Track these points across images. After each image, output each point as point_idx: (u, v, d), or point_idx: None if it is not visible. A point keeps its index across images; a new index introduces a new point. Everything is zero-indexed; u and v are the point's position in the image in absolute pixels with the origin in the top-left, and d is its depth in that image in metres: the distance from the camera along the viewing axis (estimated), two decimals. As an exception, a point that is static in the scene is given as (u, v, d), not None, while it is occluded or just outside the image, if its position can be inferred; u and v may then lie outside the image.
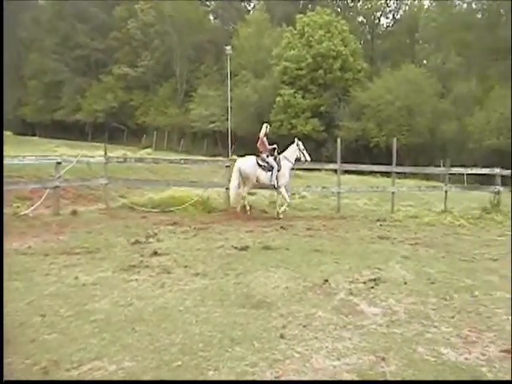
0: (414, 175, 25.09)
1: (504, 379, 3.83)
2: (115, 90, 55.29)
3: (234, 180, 11.80)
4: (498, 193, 13.49)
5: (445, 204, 13.07)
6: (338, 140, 13.40)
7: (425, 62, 51.30)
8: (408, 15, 56.80)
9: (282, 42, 45.73)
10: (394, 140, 13.52)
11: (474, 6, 50.65)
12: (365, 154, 38.70)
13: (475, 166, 18.02)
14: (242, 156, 12.71)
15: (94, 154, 15.12)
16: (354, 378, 3.74)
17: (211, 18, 63.58)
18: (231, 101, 39.82)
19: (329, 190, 13.53)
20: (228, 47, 38.90)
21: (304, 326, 4.70)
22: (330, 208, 12.87)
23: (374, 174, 22.40)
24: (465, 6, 51.65)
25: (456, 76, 44.75)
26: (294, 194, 14.59)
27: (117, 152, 20.33)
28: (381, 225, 10.81)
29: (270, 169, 11.93)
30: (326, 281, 6.11)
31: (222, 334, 4.45)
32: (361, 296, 5.63)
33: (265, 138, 12.23)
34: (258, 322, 4.75)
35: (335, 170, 13.59)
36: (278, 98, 43.59)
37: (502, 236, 10.08)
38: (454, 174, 21.40)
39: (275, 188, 12.15)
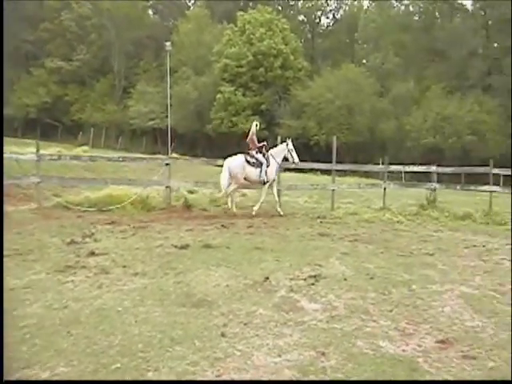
0: (353, 173, 25.61)
1: (438, 369, 3.98)
2: (48, 84, 52.97)
3: (224, 179, 11.88)
4: (435, 190, 14.01)
5: (383, 201, 13.46)
6: (278, 138, 13.53)
7: (364, 61, 52.82)
8: (348, 15, 58.29)
9: (222, 38, 45.69)
10: (334, 138, 13.79)
11: (411, 8, 52.60)
12: (305, 151, 39.17)
13: (413, 163, 18.59)
14: (183, 154, 12.60)
15: (24, 150, 14.49)
16: (295, 374, 3.78)
17: (150, 13, 62.63)
18: (171, 98, 39.38)
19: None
20: (168, 43, 38.41)
21: (245, 324, 4.70)
22: (271, 206, 12.97)
23: (315, 171, 22.78)
24: (402, 8, 53.54)
25: (394, 76, 46.31)
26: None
27: (50, 149, 19.64)
28: (321, 222, 10.99)
29: (259, 165, 12.16)
30: (267, 278, 6.15)
31: (162, 333, 4.39)
32: (301, 293, 5.70)
33: (254, 136, 12.54)
34: (198, 321, 4.72)
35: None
36: (219, 96, 43.51)
37: (437, 231, 10.49)
38: (393, 171, 22.11)
39: (263, 184, 12.34)
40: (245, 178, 12.16)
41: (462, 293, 5.96)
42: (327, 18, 61.75)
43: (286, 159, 12.74)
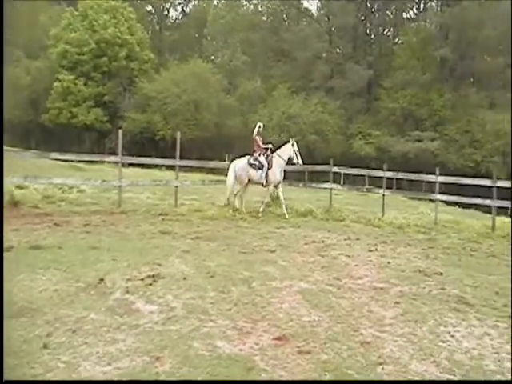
0: (200, 169, 25.82)
1: (274, 366, 4.05)
2: None
3: (231, 180, 12.70)
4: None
5: (228, 198, 13.63)
6: (120, 131, 13.01)
7: (213, 57, 53.47)
8: (197, 9, 58.55)
9: (61, 22, 42.95)
10: (178, 133, 13.62)
11: (260, 8, 54.48)
12: (151, 146, 38.73)
13: (258, 161, 19.24)
14: (13, 146, 11.50)
15: None
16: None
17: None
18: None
19: (110, 183, 13.04)
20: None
21: (73, 332, 4.39)
22: (111, 202, 12.41)
23: (160, 167, 22.49)
24: (251, 7, 55.23)
25: (242, 74, 47.59)
26: (71, 187, 13.80)
27: None
28: (163, 219, 10.77)
29: (261, 167, 12.67)
30: (102, 280, 5.83)
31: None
32: (138, 294, 5.49)
33: (258, 138, 13.05)
34: (17, 333, 4.27)
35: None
36: (57, 84, 40.93)
37: (280, 228, 10.87)
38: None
39: (263, 186, 12.87)
40: (249, 180, 12.74)
41: (300, 288, 6.21)
42: (176, 10, 61.57)
43: (290, 159, 13.09)
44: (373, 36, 50.85)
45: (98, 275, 6.02)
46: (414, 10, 50.06)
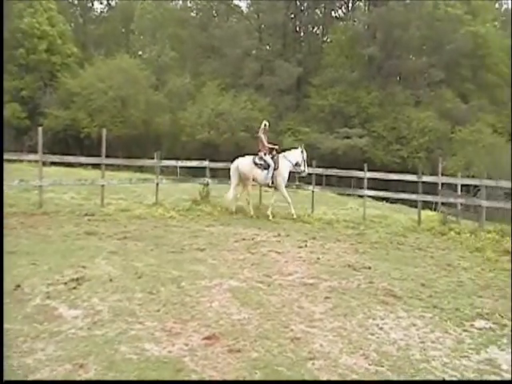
0: (127, 167, 25.30)
1: (204, 366, 4.00)
2: None
3: (233, 179, 12.70)
4: (207, 184, 14.48)
5: (156, 196, 13.42)
6: (39, 129, 12.49)
7: (140, 53, 52.50)
8: (123, 3, 57.06)
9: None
10: (104, 131, 13.25)
11: (189, 3, 54.01)
12: (75, 145, 37.57)
13: (188, 158, 19.03)
14: None
15: None
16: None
17: None
18: None
19: (29, 183, 12.47)
20: None
21: (-17, 345, 4.13)
22: (31, 203, 11.88)
23: (85, 166, 21.81)
24: (180, 2, 54.66)
25: (170, 70, 47.03)
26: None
27: None
28: (89, 220, 10.44)
29: (267, 167, 12.50)
30: (18, 286, 5.55)
31: None
32: (60, 299, 5.27)
33: (263, 136, 12.87)
34: None
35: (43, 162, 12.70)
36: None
37: (209, 226, 10.81)
38: (168, 166, 22.35)
39: (269, 187, 12.87)
40: (253, 179, 12.71)
41: (230, 286, 6.19)
42: (101, 3, 59.88)
43: (298, 165, 12.97)
44: (302, 34, 51.55)
45: (15, 281, 5.71)
46: (343, 9, 51.25)
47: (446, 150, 35.84)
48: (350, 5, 50.14)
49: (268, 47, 50.34)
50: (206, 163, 14.90)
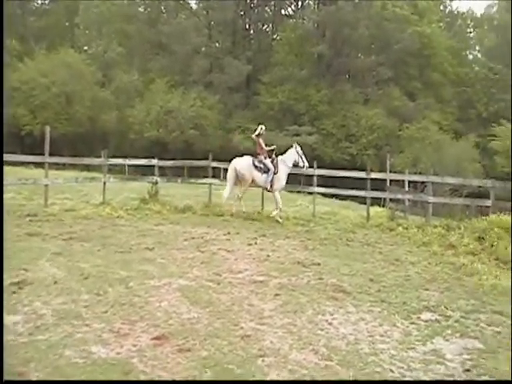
0: (73, 166, 24.69)
1: (153, 367, 3.96)
2: None
3: (230, 179, 12.44)
4: (156, 183, 14.31)
5: (103, 196, 13.15)
6: None
7: (86, 48, 51.23)
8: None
9: None
10: (47, 128, 12.85)
11: (136, -2, 52.98)
12: (15, 142, 36.25)
13: (136, 156, 18.74)
14: None
15: None
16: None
17: None
18: None
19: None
20: None
21: None
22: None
23: (27, 164, 21.12)
24: (127, -4, 53.53)
25: (117, 66, 46.13)
26: None
27: None
28: (31, 220, 10.08)
29: (266, 171, 12.39)
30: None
31: None
32: (0, 304, 5.09)
33: (261, 140, 12.68)
34: None
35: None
36: None
37: (158, 225, 10.68)
38: (115, 164, 21.94)
39: (268, 191, 12.71)
40: (252, 181, 12.50)
41: (179, 285, 6.16)
42: (42, -6, 57.89)
43: (296, 164, 12.99)
44: (252, 31, 51.65)
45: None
46: (292, 7, 51.64)
47: (393, 147, 36.72)
48: (300, 3, 50.67)
49: (217, 44, 50.18)
50: (154, 161, 14.73)
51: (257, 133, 13.09)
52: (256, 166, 12.54)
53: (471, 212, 13.53)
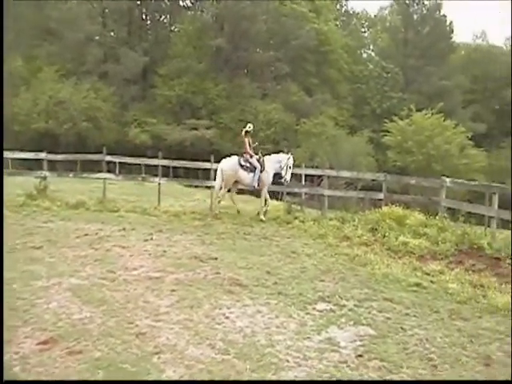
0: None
1: (39, 373, 3.77)
2: None
3: (218, 181, 12.21)
4: (45, 178, 13.65)
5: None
6: None
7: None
8: None
9: None
10: None
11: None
12: None
13: (22, 149, 17.66)
14: None
15: None
16: None
17: None
18: None
19: None
20: None
21: None
22: None
23: None
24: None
25: (-1, 52, 43.20)
26: None
27: None
28: None
29: (253, 169, 12.21)
30: None
31: None
32: None
33: (247, 139, 12.76)
34: None
35: None
36: None
37: (48, 222, 10.20)
38: (-2, 159, 20.55)
39: (254, 188, 12.59)
40: (237, 181, 12.33)
41: (70, 285, 5.94)
42: None
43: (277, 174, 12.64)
44: (149, 22, 50.47)
45: None
46: (191, -2, 51.20)
47: (291, 142, 37.53)
48: (198, -6, 50.29)
49: (112, 34, 48.42)
50: (42, 155, 14.02)
51: (244, 131, 13.10)
52: (242, 166, 12.41)
53: (365, 204, 14.21)
